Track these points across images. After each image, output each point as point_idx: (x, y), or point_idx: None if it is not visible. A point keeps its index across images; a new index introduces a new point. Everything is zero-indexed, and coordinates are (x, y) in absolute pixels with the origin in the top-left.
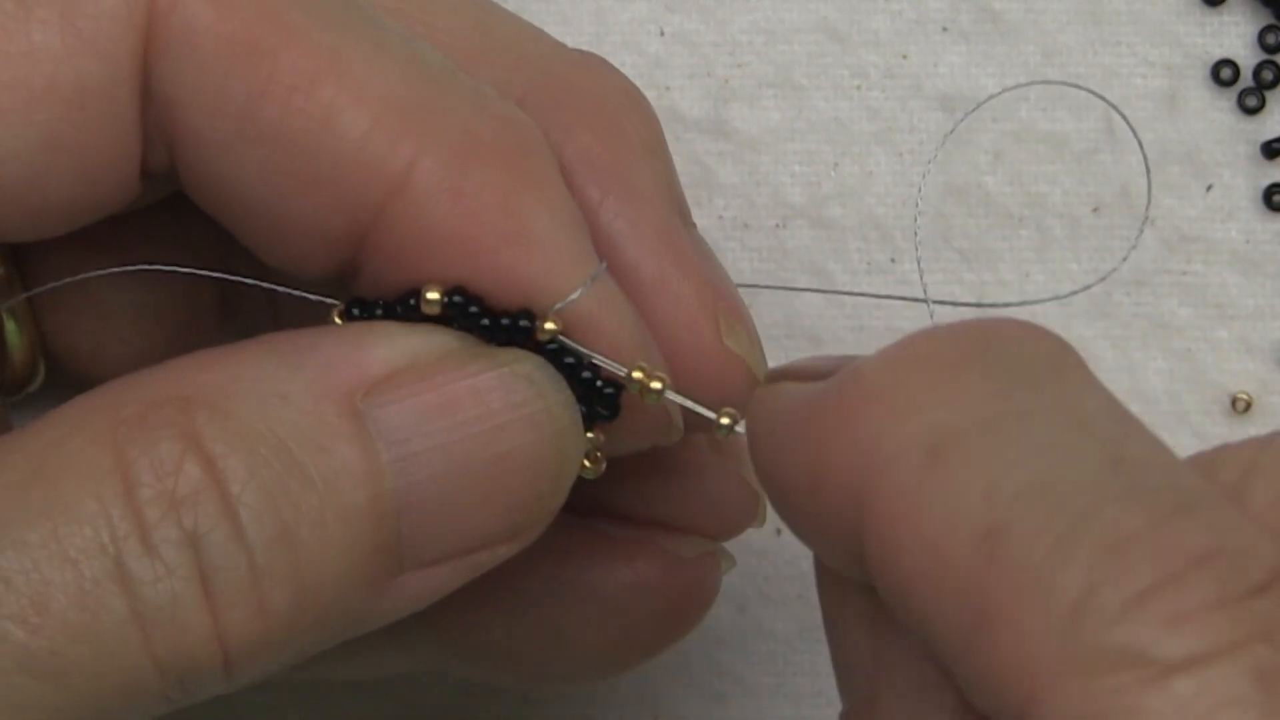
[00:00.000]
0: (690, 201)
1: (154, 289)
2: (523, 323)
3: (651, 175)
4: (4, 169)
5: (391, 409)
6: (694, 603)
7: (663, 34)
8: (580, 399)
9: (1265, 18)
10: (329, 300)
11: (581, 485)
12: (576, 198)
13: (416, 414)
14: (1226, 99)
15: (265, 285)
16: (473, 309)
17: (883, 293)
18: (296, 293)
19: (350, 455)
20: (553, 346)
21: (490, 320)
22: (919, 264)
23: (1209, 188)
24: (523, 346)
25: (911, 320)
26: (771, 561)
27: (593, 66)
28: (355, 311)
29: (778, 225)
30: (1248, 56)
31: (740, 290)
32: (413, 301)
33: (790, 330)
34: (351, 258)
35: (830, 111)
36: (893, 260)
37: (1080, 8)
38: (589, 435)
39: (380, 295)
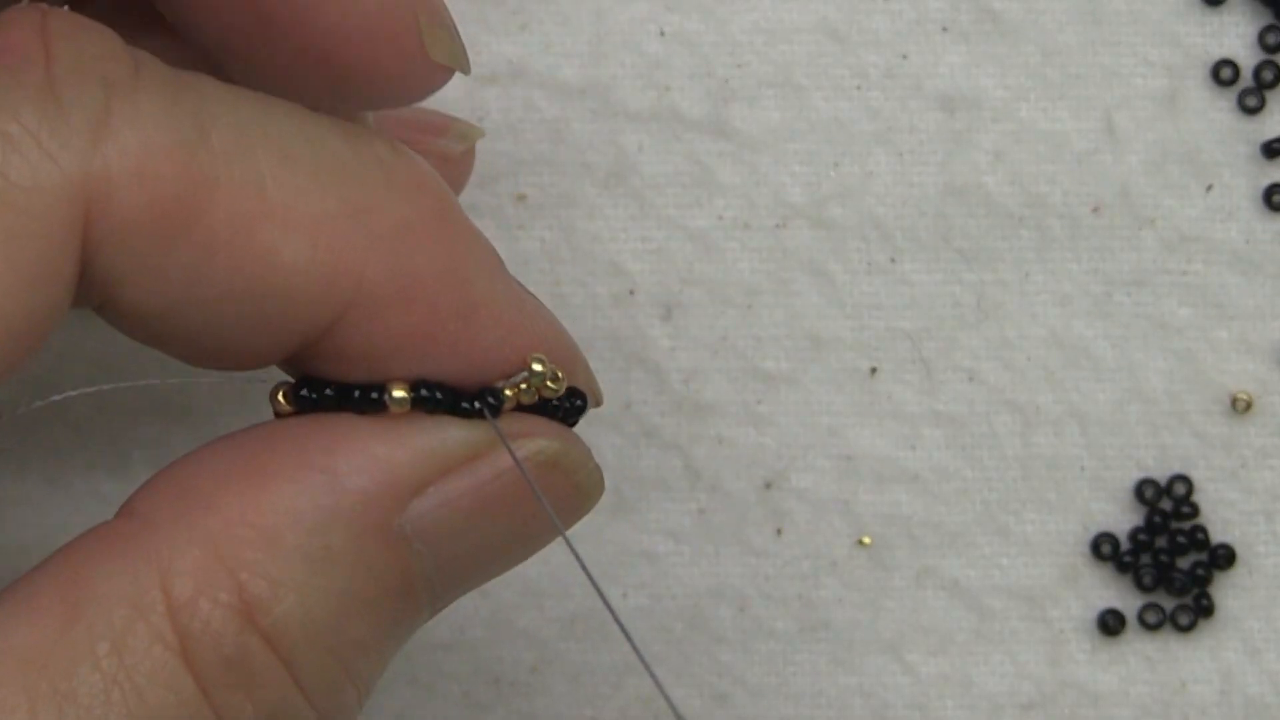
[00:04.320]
0: (690, 201)
1: None
2: (491, 400)
3: None
4: None
5: (427, 519)
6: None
7: (663, 34)
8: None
9: (1265, 18)
10: (262, 380)
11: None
12: None
13: (454, 520)
14: (1226, 99)
15: (202, 382)
16: (439, 395)
17: (880, 293)
18: (236, 376)
19: (386, 574)
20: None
21: (463, 404)
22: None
23: (1209, 188)
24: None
25: (912, 320)
26: (771, 561)
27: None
28: (304, 392)
29: (778, 225)
30: (1248, 56)
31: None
32: (375, 395)
33: (790, 330)
34: (288, 359)
35: (830, 111)
36: (893, 260)
37: (1080, 8)
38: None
39: (330, 377)
